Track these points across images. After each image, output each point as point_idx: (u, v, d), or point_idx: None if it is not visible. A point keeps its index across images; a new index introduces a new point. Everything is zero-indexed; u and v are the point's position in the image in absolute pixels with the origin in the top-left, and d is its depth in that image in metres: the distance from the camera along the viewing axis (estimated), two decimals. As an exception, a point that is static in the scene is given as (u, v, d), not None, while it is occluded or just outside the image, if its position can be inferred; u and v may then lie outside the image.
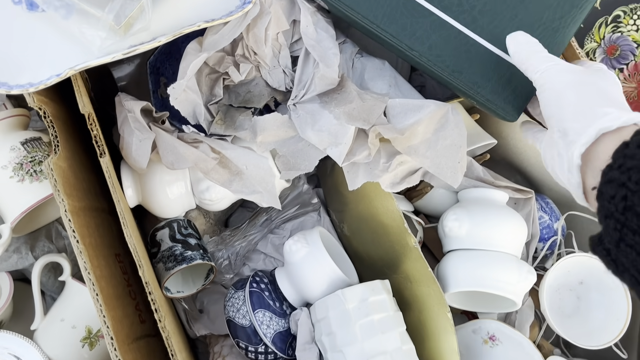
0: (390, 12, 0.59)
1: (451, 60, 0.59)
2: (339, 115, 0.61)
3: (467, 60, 0.59)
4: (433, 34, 0.58)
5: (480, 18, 0.58)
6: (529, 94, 0.59)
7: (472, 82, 0.59)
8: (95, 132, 0.58)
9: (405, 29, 0.59)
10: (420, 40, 0.59)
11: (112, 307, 0.55)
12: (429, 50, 0.59)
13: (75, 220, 0.55)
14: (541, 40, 0.56)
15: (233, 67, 0.64)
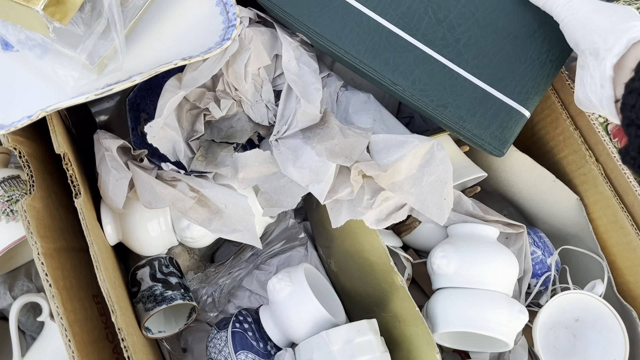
0: (373, 46, 0.58)
1: (435, 94, 0.57)
2: (321, 151, 0.59)
3: (452, 94, 0.57)
4: (417, 68, 0.57)
5: (465, 52, 0.57)
6: (516, 127, 0.57)
7: (457, 117, 0.58)
8: (70, 172, 0.57)
9: (388, 63, 0.58)
10: (403, 75, 0.58)
11: (85, 353, 0.53)
12: (412, 84, 0.58)
13: (49, 263, 0.53)
14: (527, 73, 0.55)
15: (214, 103, 0.63)
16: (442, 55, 0.57)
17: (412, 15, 0.56)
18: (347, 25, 0.57)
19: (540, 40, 0.57)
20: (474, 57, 0.57)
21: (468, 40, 0.57)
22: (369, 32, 0.57)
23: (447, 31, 0.56)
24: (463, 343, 0.66)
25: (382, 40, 0.58)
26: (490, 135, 0.58)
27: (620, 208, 0.65)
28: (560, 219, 0.72)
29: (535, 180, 0.71)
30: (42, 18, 0.47)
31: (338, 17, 0.57)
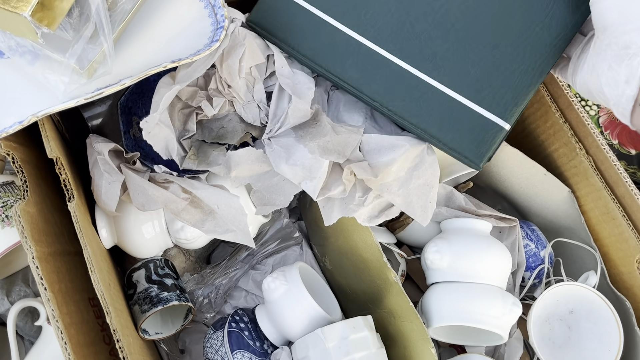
0: (350, 62, 0.58)
1: (412, 108, 0.57)
2: (314, 149, 0.60)
3: (428, 108, 0.57)
4: (394, 83, 0.57)
5: (442, 64, 0.56)
6: (494, 140, 0.56)
7: (433, 130, 0.57)
8: (64, 177, 0.57)
9: (364, 78, 0.58)
10: (381, 90, 0.58)
11: (82, 356, 0.54)
12: (390, 100, 0.58)
13: (44, 267, 0.54)
14: (507, 84, 0.54)
15: (206, 101, 0.63)
16: (418, 70, 0.56)
17: (388, 30, 0.56)
18: (323, 41, 0.58)
19: (522, 48, 0.55)
20: (451, 70, 0.56)
21: (445, 53, 0.55)
22: (346, 48, 0.57)
23: (425, 44, 0.55)
24: (458, 337, 0.66)
25: (359, 56, 0.57)
26: (466, 148, 0.57)
27: (612, 199, 0.66)
28: (553, 211, 0.73)
29: (527, 174, 0.71)
30: (30, 24, 0.47)
31: (312, 32, 0.58)
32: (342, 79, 0.57)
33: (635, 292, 0.67)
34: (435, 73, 0.55)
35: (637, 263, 0.66)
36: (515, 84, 0.54)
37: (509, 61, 0.55)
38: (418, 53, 0.55)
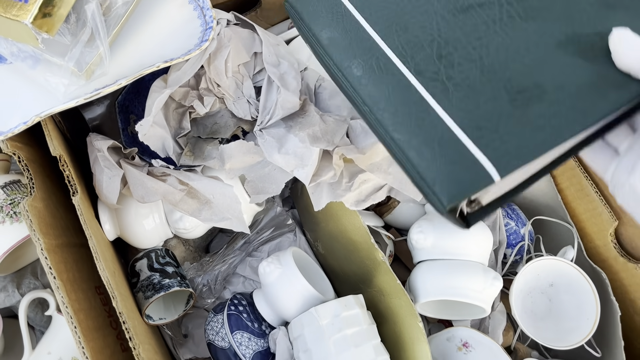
0: (364, 61, 0.52)
1: (400, 124, 0.49)
2: (304, 138, 0.63)
3: (416, 129, 0.48)
4: (393, 92, 0.50)
5: (453, 90, 0.48)
6: (472, 185, 0.44)
7: (408, 150, 0.48)
8: (67, 173, 0.61)
9: (365, 80, 0.57)
10: (375, 95, 0.51)
11: (91, 339, 0.58)
12: (382, 109, 0.50)
13: (52, 258, 0.58)
14: (515, 133, 0.45)
15: (197, 100, 0.67)
16: (425, 88, 0.49)
17: (413, 44, 0.51)
18: (345, 36, 0.54)
19: (548, 103, 0.46)
20: (460, 99, 0.48)
21: (462, 82, 0.48)
22: (363, 47, 0.53)
23: (443, 67, 0.49)
24: (445, 313, 0.70)
25: (372, 58, 0.52)
26: (437, 182, 0.45)
27: (585, 177, 0.70)
28: (532, 190, 0.77)
29: (506, 156, 0.75)
30: (31, 30, 0.51)
31: (338, 25, 0.55)
32: (345, 76, 0.54)
33: (611, 264, 0.71)
34: (441, 96, 0.49)
35: (611, 236, 0.70)
36: (524, 135, 0.45)
37: (528, 111, 0.46)
38: (433, 73, 0.49)
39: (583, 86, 0.45)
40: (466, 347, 0.68)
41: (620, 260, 0.70)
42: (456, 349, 0.69)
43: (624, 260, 0.69)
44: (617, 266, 0.71)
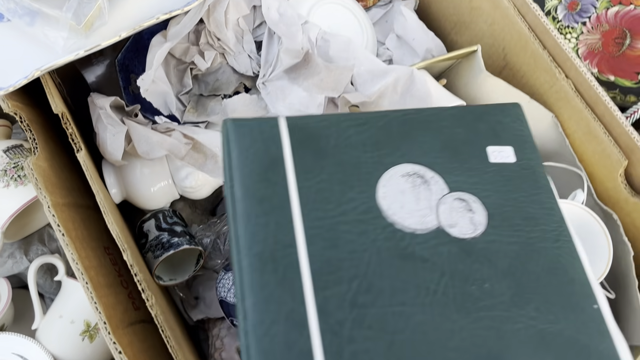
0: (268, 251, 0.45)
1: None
2: (308, 87, 0.63)
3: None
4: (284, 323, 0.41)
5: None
6: None
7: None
8: (70, 130, 0.60)
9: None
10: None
11: (102, 295, 0.57)
12: (264, 334, 0.41)
13: (59, 215, 0.57)
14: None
15: (198, 55, 0.66)
16: (320, 336, 0.41)
17: (334, 269, 0.44)
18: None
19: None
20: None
21: (361, 354, 0.41)
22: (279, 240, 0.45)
23: (351, 321, 0.43)
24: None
25: (283, 261, 0.44)
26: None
27: (593, 119, 0.69)
28: (540, 138, 0.76)
29: (511, 103, 0.74)
30: (28, -22, 0.50)
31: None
32: (240, 261, 0.44)
33: (621, 206, 0.70)
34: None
35: (621, 177, 0.69)
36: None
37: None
38: (336, 322, 0.42)
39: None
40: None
41: (631, 201, 0.69)
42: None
43: (635, 200, 0.68)
44: (628, 207, 0.70)
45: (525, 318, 0.44)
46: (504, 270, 0.46)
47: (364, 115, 0.52)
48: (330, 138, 0.49)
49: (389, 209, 0.47)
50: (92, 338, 0.67)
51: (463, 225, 0.48)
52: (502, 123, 0.54)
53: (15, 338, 0.65)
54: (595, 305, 0.46)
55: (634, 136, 0.67)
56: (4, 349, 0.65)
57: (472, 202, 0.49)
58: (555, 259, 0.48)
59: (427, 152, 0.51)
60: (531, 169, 0.52)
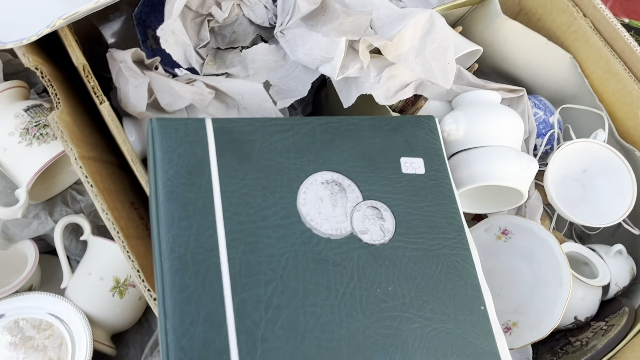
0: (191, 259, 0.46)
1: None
2: (328, 32, 0.62)
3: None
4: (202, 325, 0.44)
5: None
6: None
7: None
8: (92, 84, 0.60)
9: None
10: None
11: (134, 245, 0.57)
12: (182, 335, 0.43)
13: (87, 167, 0.57)
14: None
15: (215, 6, 0.66)
16: (236, 337, 0.44)
17: (253, 273, 0.46)
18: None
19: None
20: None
21: (272, 353, 0.44)
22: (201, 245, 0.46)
23: (265, 322, 0.45)
24: (481, 207, 0.70)
25: (203, 265, 0.46)
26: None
27: (612, 56, 0.69)
28: (557, 81, 0.76)
29: (528, 47, 0.74)
30: None
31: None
32: (162, 257, 0.46)
33: (643, 143, 0.71)
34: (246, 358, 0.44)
35: (642, 113, 0.69)
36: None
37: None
38: (252, 323, 0.44)
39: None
40: (505, 234, 0.68)
41: (653, 137, 0.69)
42: (495, 238, 0.69)
43: (657, 135, 0.69)
44: (650, 144, 0.70)
45: (421, 318, 0.49)
46: (406, 274, 0.51)
47: (289, 121, 0.54)
48: (255, 143, 0.51)
49: (308, 215, 0.50)
50: (122, 294, 0.67)
51: (374, 232, 0.52)
52: (415, 135, 0.59)
53: (45, 297, 0.65)
54: (483, 306, 0.52)
55: (655, 70, 0.67)
56: (36, 308, 0.65)
57: (384, 210, 0.53)
58: (452, 265, 0.53)
59: (346, 161, 0.54)
60: (438, 181, 0.57)
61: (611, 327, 0.65)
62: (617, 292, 0.70)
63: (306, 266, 0.48)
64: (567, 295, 0.60)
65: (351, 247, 0.50)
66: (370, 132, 0.57)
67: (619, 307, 0.68)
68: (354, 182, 0.54)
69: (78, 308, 0.65)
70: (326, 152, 0.54)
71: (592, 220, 0.68)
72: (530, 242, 0.66)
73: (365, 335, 0.47)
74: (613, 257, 0.70)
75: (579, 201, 0.72)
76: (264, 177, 0.50)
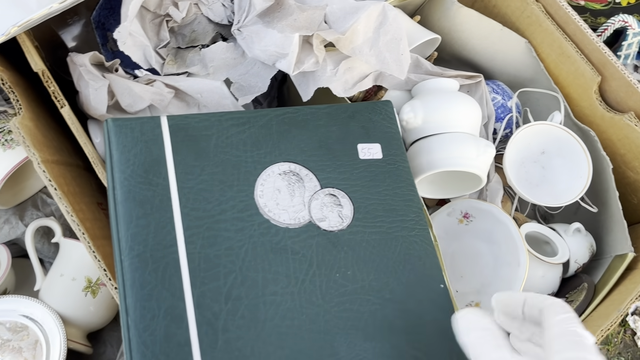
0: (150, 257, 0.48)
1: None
2: (282, 28, 0.63)
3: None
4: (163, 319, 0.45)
5: (221, 349, 0.45)
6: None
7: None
8: (52, 88, 0.61)
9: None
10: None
11: (100, 245, 0.59)
12: (143, 330, 0.45)
13: (50, 170, 0.58)
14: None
15: (173, 6, 0.67)
16: (197, 329, 0.45)
17: (212, 266, 0.48)
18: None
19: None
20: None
21: (234, 341, 0.45)
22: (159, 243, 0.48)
23: (226, 313, 0.46)
24: (442, 192, 0.72)
25: (162, 262, 0.47)
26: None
27: (565, 39, 0.70)
28: (515, 65, 0.78)
29: (485, 33, 0.75)
30: None
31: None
32: (122, 261, 0.47)
33: (598, 122, 0.73)
34: (206, 348, 0.45)
35: (596, 94, 0.71)
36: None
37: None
38: (212, 315, 0.46)
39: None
40: (467, 217, 0.70)
41: (607, 117, 0.71)
42: (457, 221, 0.71)
43: (610, 115, 0.70)
44: (604, 124, 0.72)
45: (381, 299, 0.50)
46: (365, 258, 0.52)
47: (245, 114, 0.55)
48: (211, 138, 0.53)
49: (265, 206, 0.51)
50: (95, 293, 0.69)
51: (332, 219, 0.53)
52: (372, 121, 0.60)
53: (19, 300, 0.67)
54: (442, 284, 0.53)
55: (605, 51, 0.68)
56: (10, 311, 0.66)
57: (341, 197, 0.54)
58: (411, 246, 0.54)
59: (303, 150, 0.55)
60: (396, 165, 0.58)
61: (570, 302, 0.67)
62: (577, 268, 0.72)
63: (265, 256, 0.49)
64: (524, 275, 0.62)
65: (310, 235, 0.52)
66: (327, 120, 0.58)
67: (579, 283, 0.70)
68: (311, 171, 0.55)
69: (51, 309, 0.66)
70: (283, 143, 0.55)
71: (550, 200, 0.70)
72: (490, 224, 0.68)
73: (326, 320, 0.48)
74: (572, 235, 0.72)
75: (539, 182, 0.74)
76: (221, 172, 0.51)
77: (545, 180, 0.74)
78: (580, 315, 0.65)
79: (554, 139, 0.72)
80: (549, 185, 0.73)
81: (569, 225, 0.73)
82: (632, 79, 0.68)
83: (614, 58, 0.68)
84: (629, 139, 0.70)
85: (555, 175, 0.73)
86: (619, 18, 0.83)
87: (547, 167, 0.74)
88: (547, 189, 0.73)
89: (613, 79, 0.70)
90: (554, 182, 0.73)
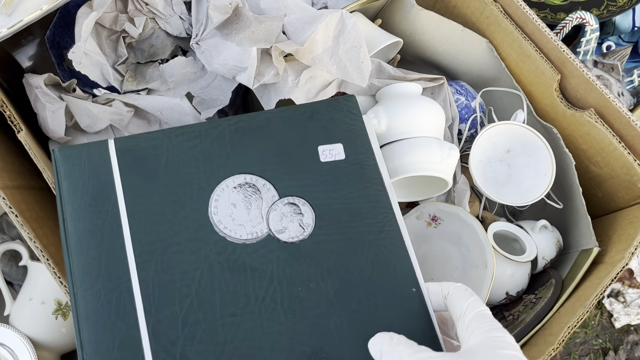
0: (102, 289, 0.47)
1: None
2: (241, 41, 0.63)
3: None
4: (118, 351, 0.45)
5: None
6: None
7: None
8: (8, 113, 0.60)
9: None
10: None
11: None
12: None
13: (10, 197, 0.57)
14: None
15: (128, 22, 0.66)
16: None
17: (167, 291, 0.47)
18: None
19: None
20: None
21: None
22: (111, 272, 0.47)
23: (183, 339, 0.45)
24: (410, 195, 0.72)
25: (115, 292, 0.46)
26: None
27: (524, 38, 0.71)
28: (477, 65, 0.78)
29: (446, 34, 0.75)
30: None
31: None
32: (76, 295, 0.46)
33: (560, 120, 0.73)
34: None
35: (556, 92, 0.72)
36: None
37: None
38: (169, 342, 0.45)
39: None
40: (435, 220, 0.71)
41: (568, 114, 0.72)
42: (426, 224, 0.71)
43: (572, 112, 0.71)
44: (566, 121, 0.73)
45: (347, 312, 0.47)
46: (329, 268, 0.49)
47: (196, 127, 0.53)
48: (160, 157, 0.50)
49: (220, 223, 0.49)
50: (66, 316, 0.68)
51: (292, 229, 0.50)
52: (333, 120, 0.55)
53: (-12, 326, 0.66)
54: (414, 288, 0.49)
55: (564, 49, 0.69)
56: (-21, 338, 0.66)
57: (302, 205, 0.51)
58: (379, 250, 0.50)
59: (260, 160, 0.52)
60: (360, 164, 0.54)
61: (539, 299, 0.68)
62: (545, 264, 0.73)
63: (222, 276, 0.47)
64: (491, 276, 0.63)
65: (269, 250, 0.49)
66: (284, 124, 0.55)
67: (547, 279, 0.72)
68: (269, 181, 0.52)
69: (22, 334, 0.66)
70: (238, 154, 0.52)
71: (516, 200, 0.71)
72: (458, 227, 0.69)
73: (289, 338, 0.46)
74: (539, 232, 0.73)
75: (506, 180, 0.75)
76: (172, 192, 0.49)
77: (512, 178, 0.75)
78: (548, 313, 0.66)
79: (518, 138, 0.73)
80: (516, 183, 0.74)
81: (536, 222, 0.74)
82: (591, 76, 0.69)
83: (572, 56, 0.69)
84: (590, 134, 0.70)
85: (521, 173, 0.74)
86: (577, 15, 0.84)
87: (512, 165, 0.75)
88: (514, 187, 0.74)
89: (572, 77, 0.70)
90: (520, 180, 0.74)
